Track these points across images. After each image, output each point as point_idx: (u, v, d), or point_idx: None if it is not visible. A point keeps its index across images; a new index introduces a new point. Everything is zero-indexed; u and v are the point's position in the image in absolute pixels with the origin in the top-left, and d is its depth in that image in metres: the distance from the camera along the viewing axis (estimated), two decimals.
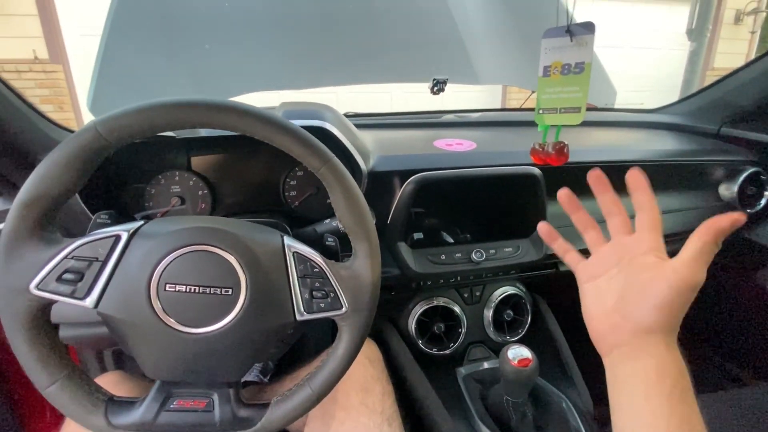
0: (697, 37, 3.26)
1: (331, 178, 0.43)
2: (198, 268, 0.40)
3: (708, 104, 1.07)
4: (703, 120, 1.07)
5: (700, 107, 1.09)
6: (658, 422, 0.32)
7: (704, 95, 1.09)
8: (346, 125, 0.68)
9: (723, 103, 1.04)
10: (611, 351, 0.37)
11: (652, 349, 0.34)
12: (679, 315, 0.34)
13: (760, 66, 0.94)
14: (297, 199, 0.74)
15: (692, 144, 1.00)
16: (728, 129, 1.02)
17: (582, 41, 0.42)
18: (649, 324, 0.34)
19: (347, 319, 0.45)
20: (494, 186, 0.73)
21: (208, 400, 0.43)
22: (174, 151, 0.68)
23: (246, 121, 0.39)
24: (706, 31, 3.28)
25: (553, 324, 0.81)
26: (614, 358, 0.37)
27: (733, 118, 1.02)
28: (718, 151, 0.97)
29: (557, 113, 0.46)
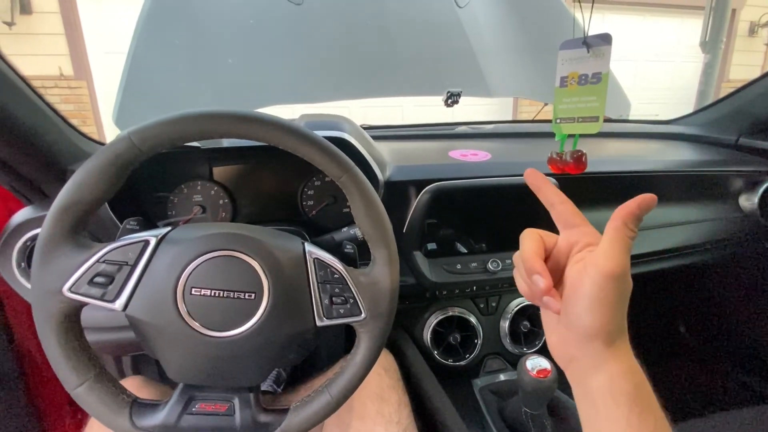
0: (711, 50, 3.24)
1: (351, 186, 0.44)
2: (223, 273, 0.41)
3: (725, 115, 1.06)
4: (720, 131, 1.06)
5: (717, 118, 1.08)
6: None
7: (721, 106, 1.08)
8: (364, 136, 0.70)
9: (741, 114, 1.03)
10: (567, 366, 0.34)
11: (599, 362, 0.31)
12: (614, 313, 0.30)
13: None
14: (314, 208, 0.76)
15: (710, 155, 0.99)
16: (747, 140, 1.00)
17: (599, 52, 0.43)
18: (586, 330, 0.31)
19: (366, 325, 0.46)
20: (509, 196, 0.73)
21: (229, 404, 0.44)
22: (197, 162, 0.70)
23: (272, 132, 0.41)
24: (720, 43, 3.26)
25: None
26: (571, 375, 0.34)
27: (751, 128, 1.01)
28: (737, 162, 0.95)
29: (575, 122, 0.47)
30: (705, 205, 0.92)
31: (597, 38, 0.42)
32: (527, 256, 0.34)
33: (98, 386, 0.40)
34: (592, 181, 0.82)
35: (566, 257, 0.35)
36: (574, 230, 0.36)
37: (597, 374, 0.31)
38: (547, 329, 0.36)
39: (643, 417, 0.30)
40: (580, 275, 0.32)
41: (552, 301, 0.32)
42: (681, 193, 0.91)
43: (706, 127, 1.09)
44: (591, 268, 0.31)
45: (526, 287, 0.35)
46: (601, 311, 0.30)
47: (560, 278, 0.34)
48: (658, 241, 0.86)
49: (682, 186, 0.91)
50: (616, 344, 0.32)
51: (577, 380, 0.33)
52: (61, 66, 3.45)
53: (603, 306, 0.30)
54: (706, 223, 0.91)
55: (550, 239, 0.37)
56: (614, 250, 0.31)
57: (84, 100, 3.56)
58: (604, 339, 0.31)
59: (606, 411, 0.30)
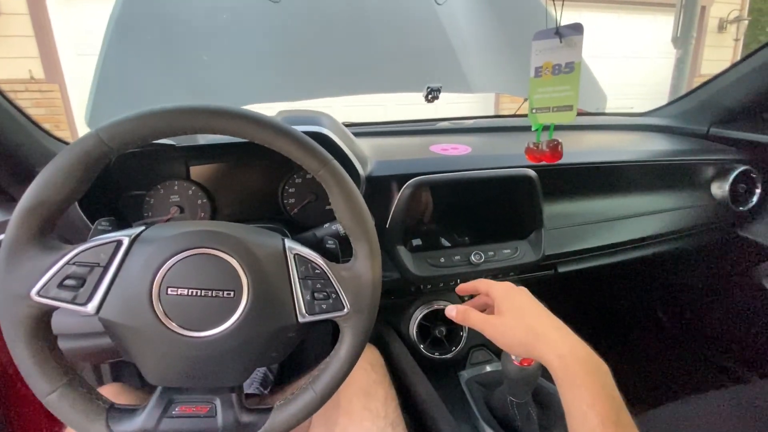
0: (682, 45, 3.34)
1: (330, 179, 0.44)
2: (199, 272, 0.40)
3: (696, 106, 1.10)
4: (692, 121, 1.09)
5: (688, 109, 1.11)
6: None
7: (692, 97, 1.12)
8: (344, 132, 0.69)
9: (711, 105, 1.06)
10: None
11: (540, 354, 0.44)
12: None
13: (744, 68, 0.97)
14: (295, 206, 0.75)
15: (682, 145, 1.02)
16: (717, 129, 1.04)
17: (571, 42, 0.43)
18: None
19: (349, 320, 0.45)
20: (491, 188, 0.74)
21: (211, 405, 0.43)
22: (173, 161, 0.68)
23: (245, 126, 0.40)
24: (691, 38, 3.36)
25: None
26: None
27: (721, 118, 1.04)
28: (708, 151, 0.99)
29: (550, 112, 0.48)
30: (679, 194, 0.95)
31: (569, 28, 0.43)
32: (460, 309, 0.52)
33: (71, 393, 0.39)
34: (571, 173, 0.84)
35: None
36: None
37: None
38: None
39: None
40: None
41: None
42: (656, 182, 0.94)
43: (678, 118, 1.13)
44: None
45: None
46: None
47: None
48: (636, 230, 0.88)
49: (656, 175, 0.93)
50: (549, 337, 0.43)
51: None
52: (32, 69, 3.33)
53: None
54: (680, 211, 0.93)
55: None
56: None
57: (56, 104, 3.44)
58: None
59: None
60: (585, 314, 1.21)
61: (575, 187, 0.86)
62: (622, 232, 0.87)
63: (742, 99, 1.00)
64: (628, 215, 0.89)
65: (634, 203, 0.91)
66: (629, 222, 0.89)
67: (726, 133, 1.02)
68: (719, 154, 0.98)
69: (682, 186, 0.96)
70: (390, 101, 3.90)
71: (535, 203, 0.74)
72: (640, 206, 0.91)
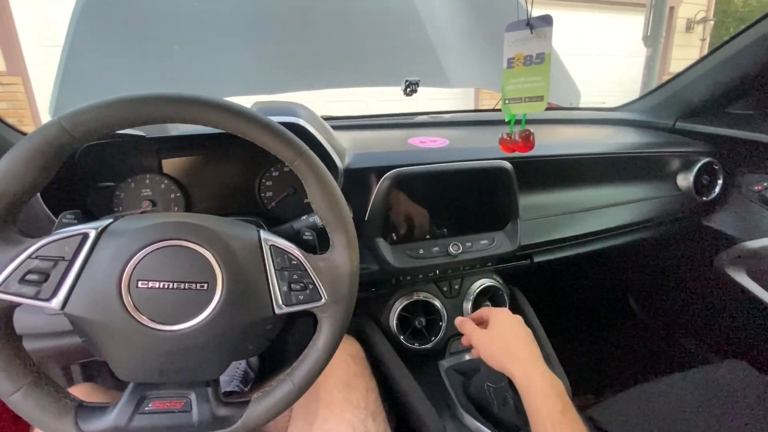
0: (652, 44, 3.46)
1: (306, 170, 0.43)
2: (172, 264, 0.39)
3: (663, 101, 1.14)
4: (659, 115, 1.13)
5: (656, 104, 1.15)
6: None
7: (659, 93, 1.16)
8: (321, 123, 0.69)
9: (676, 100, 1.11)
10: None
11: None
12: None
13: (707, 65, 1.01)
14: (273, 200, 0.74)
15: (650, 138, 1.06)
16: (683, 123, 1.08)
17: (541, 33, 0.44)
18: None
19: (327, 310, 0.45)
20: (468, 180, 0.74)
21: (186, 400, 0.42)
22: (144, 154, 0.66)
23: (218, 115, 0.39)
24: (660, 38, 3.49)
25: (530, 313, 0.84)
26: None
27: (686, 112, 1.09)
28: (675, 144, 1.03)
29: (522, 102, 0.49)
30: (647, 185, 0.99)
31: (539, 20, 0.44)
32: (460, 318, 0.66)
33: (36, 391, 0.38)
34: (546, 165, 0.86)
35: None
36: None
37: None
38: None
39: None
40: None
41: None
42: (625, 174, 0.97)
43: (646, 112, 1.17)
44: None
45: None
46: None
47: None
48: (607, 220, 0.91)
49: (626, 167, 0.97)
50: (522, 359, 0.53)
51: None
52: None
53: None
54: (648, 201, 0.97)
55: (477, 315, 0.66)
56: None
57: (20, 98, 3.27)
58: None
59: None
60: (561, 303, 1.24)
61: (550, 179, 0.88)
62: (594, 222, 0.90)
63: (705, 94, 1.05)
64: (599, 206, 0.92)
65: (605, 194, 0.94)
66: (601, 212, 0.92)
67: (691, 127, 1.07)
68: (684, 147, 1.02)
69: (650, 177, 1.00)
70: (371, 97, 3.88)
71: (511, 194, 0.75)
72: (611, 197, 0.94)
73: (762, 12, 0.89)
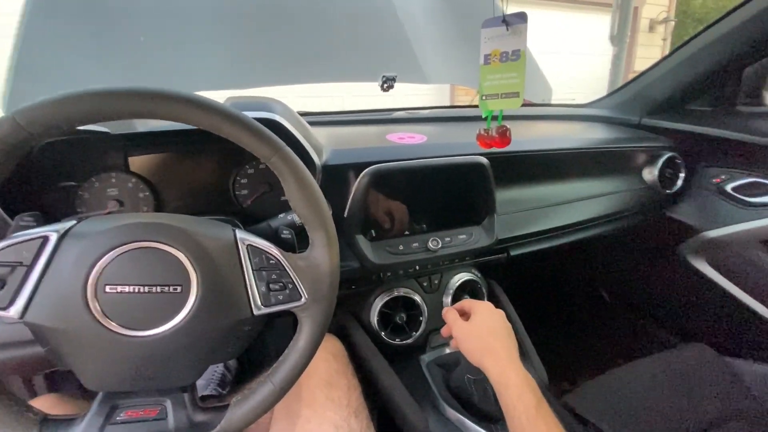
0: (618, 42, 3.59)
1: (283, 167, 0.42)
2: (142, 267, 0.38)
3: (629, 98, 1.19)
4: (626, 112, 1.18)
5: (623, 101, 1.20)
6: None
7: (625, 90, 1.21)
8: (297, 119, 0.67)
9: (641, 97, 1.15)
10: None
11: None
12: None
13: (669, 63, 1.06)
14: (248, 198, 0.72)
15: (618, 133, 1.10)
16: (648, 119, 1.13)
17: (517, 30, 0.45)
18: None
19: (307, 309, 0.44)
20: (446, 176, 0.75)
21: (161, 407, 0.41)
22: (109, 151, 0.63)
23: (188, 110, 0.38)
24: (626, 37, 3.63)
25: (508, 306, 0.86)
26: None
27: (651, 109, 1.14)
28: (640, 139, 1.07)
29: (499, 99, 0.49)
30: (615, 179, 1.03)
31: (514, 17, 0.45)
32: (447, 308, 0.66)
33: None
34: (520, 160, 0.87)
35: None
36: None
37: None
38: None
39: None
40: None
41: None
42: (595, 168, 1.00)
43: (614, 109, 1.21)
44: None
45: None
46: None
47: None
48: (579, 213, 0.94)
49: (595, 162, 1.00)
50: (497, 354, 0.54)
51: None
52: None
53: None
54: (616, 194, 1.01)
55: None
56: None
57: None
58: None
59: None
60: (536, 295, 1.28)
61: (524, 174, 0.90)
62: (566, 215, 0.92)
63: (667, 92, 1.10)
64: (571, 200, 0.95)
65: (576, 188, 0.97)
66: (573, 206, 0.95)
67: (655, 123, 1.11)
68: (649, 142, 1.07)
69: (618, 172, 1.04)
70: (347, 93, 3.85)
71: (487, 189, 0.77)
72: (581, 191, 0.97)
73: (719, 13, 0.94)
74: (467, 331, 0.58)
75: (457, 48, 1.25)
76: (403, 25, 1.17)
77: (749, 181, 0.97)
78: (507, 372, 0.51)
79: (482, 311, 0.60)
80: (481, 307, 0.61)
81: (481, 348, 0.55)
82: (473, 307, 0.61)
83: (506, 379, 0.50)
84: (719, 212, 1.01)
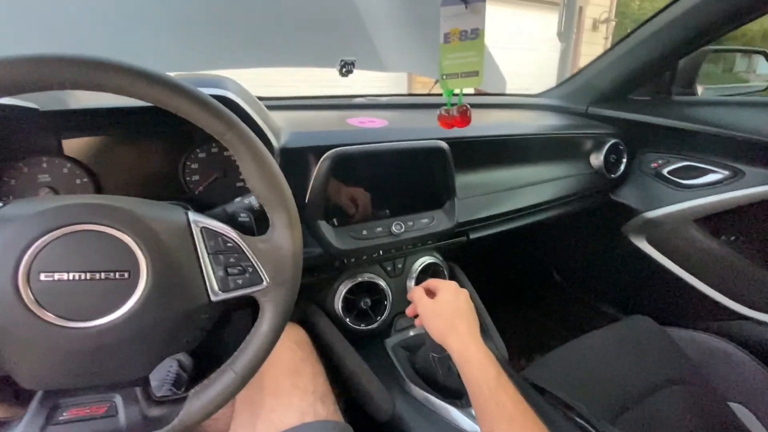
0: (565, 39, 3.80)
1: (239, 144, 0.40)
2: (83, 252, 0.34)
3: (577, 88, 1.25)
4: (574, 101, 1.25)
5: (571, 91, 1.26)
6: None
7: (573, 81, 1.27)
8: (253, 99, 0.64)
9: (588, 87, 1.22)
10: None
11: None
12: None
13: (611, 56, 1.13)
14: (200, 184, 0.68)
15: (567, 121, 1.16)
16: (594, 108, 1.20)
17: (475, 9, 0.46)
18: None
19: (269, 293, 0.43)
20: (408, 160, 0.75)
21: (110, 404, 0.37)
22: (39, 132, 0.56)
23: (131, 80, 0.34)
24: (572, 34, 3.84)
25: (469, 287, 0.88)
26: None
27: (596, 99, 1.21)
28: (587, 127, 1.14)
29: (459, 78, 0.50)
30: (566, 164, 1.09)
31: None
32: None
33: None
34: (478, 145, 0.90)
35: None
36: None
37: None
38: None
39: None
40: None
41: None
42: (547, 154, 1.05)
43: (563, 98, 1.28)
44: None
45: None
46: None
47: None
48: (533, 197, 0.99)
49: (547, 148, 1.05)
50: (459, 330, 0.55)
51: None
52: None
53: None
54: (567, 179, 1.07)
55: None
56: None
57: None
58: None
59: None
60: (495, 277, 1.33)
61: (482, 159, 0.93)
62: (521, 199, 0.96)
63: (611, 83, 1.17)
64: (525, 184, 0.99)
65: (530, 173, 1.01)
66: (527, 190, 0.99)
67: (600, 112, 1.19)
68: (595, 129, 1.14)
69: (568, 157, 1.10)
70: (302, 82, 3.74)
71: (448, 174, 0.78)
72: (535, 176, 1.02)
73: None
74: (432, 309, 0.59)
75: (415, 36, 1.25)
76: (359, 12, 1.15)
77: (683, 165, 1.06)
78: (469, 348, 0.52)
79: (447, 290, 0.61)
80: (445, 286, 0.62)
81: (445, 326, 0.56)
82: (438, 286, 0.62)
83: (468, 355, 0.51)
84: (657, 194, 1.10)
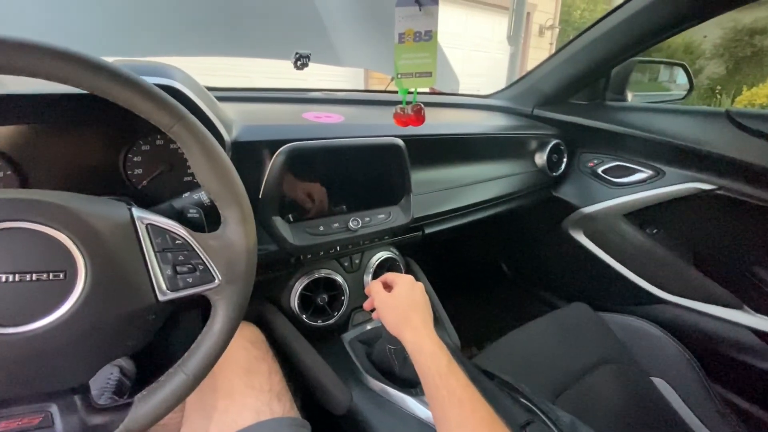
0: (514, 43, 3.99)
1: (187, 136, 0.38)
2: (11, 251, 0.32)
3: (523, 91, 1.33)
4: (521, 103, 1.32)
5: (518, 93, 1.34)
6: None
7: (520, 84, 1.35)
8: (202, 90, 0.61)
9: (533, 91, 1.30)
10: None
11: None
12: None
13: (552, 63, 1.21)
14: (144, 178, 0.64)
15: (514, 122, 1.23)
16: (538, 110, 1.28)
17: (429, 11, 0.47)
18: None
19: (222, 291, 0.42)
20: (364, 156, 0.76)
21: (45, 414, 0.35)
22: None
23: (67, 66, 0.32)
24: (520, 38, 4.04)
25: (424, 280, 0.91)
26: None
27: (540, 101, 1.29)
28: (532, 127, 1.21)
29: (413, 78, 0.51)
30: (513, 162, 1.15)
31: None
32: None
33: None
34: (432, 143, 0.93)
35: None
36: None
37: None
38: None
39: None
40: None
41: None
42: (496, 152, 1.11)
43: (511, 100, 1.35)
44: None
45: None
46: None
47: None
48: (483, 193, 1.04)
49: (496, 147, 1.11)
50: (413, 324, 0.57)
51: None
52: None
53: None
54: (514, 176, 1.13)
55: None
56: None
57: None
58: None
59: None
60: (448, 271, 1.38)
61: (435, 157, 0.96)
62: (471, 195, 1.01)
63: (553, 87, 1.25)
64: (475, 181, 1.04)
65: (480, 171, 1.06)
66: (478, 187, 1.03)
67: (544, 114, 1.27)
68: (539, 130, 1.21)
69: (515, 156, 1.17)
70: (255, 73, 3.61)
71: (403, 170, 0.79)
72: (485, 173, 1.07)
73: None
74: (388, 302, 0.60)
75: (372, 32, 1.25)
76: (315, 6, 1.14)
77: (615, 165, 1.16)
78: (422, 339, 0.54)
79: (403, 283, 0.63)
80: (402, 279, 0.64)
81: (400, 318, 0.58)
82: (395, 280, 0.64)
83: (421, 345, 0.53)
84: (593, 191, 1.20)
